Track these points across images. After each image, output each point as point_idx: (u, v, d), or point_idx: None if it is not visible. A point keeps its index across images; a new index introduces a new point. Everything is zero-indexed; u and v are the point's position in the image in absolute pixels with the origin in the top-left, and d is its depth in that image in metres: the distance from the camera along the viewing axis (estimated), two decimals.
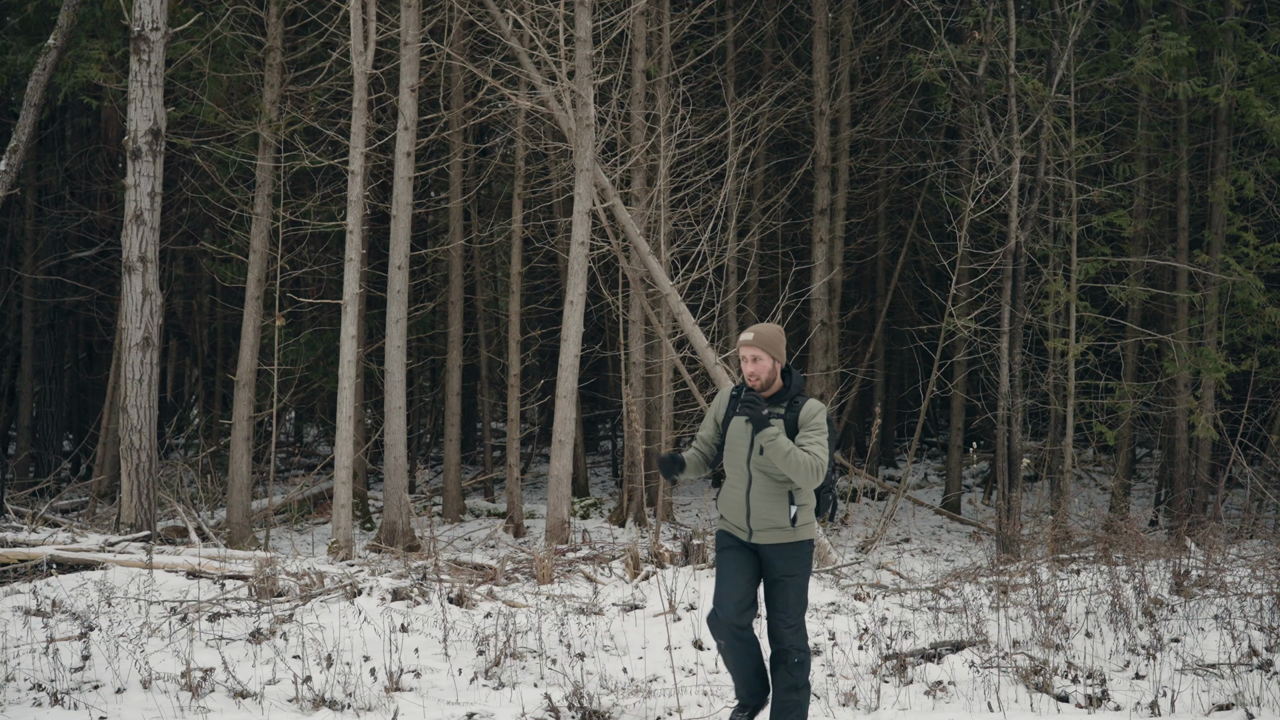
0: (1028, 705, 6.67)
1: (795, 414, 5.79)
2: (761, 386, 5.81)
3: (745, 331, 5.88)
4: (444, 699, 6.74)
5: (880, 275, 19.90)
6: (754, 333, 5.84)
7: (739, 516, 5.84)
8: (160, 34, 11.15)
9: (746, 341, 5.84)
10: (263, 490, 16.27)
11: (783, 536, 5.79)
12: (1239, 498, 16.18)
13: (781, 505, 5.76)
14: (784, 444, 5.60)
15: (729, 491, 5.90)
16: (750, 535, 5.82)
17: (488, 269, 18.49)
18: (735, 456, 5.85)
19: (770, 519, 5.76)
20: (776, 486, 5.77)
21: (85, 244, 18.17)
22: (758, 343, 5.83)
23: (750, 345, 5.83)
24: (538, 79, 11.87)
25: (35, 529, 10.88)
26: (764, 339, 5.84)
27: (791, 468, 5.60)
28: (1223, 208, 14.36)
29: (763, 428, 5.62)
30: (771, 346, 5.82)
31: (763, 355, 5.81)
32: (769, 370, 5.81)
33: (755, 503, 5.78)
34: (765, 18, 16.72)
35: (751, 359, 5.83)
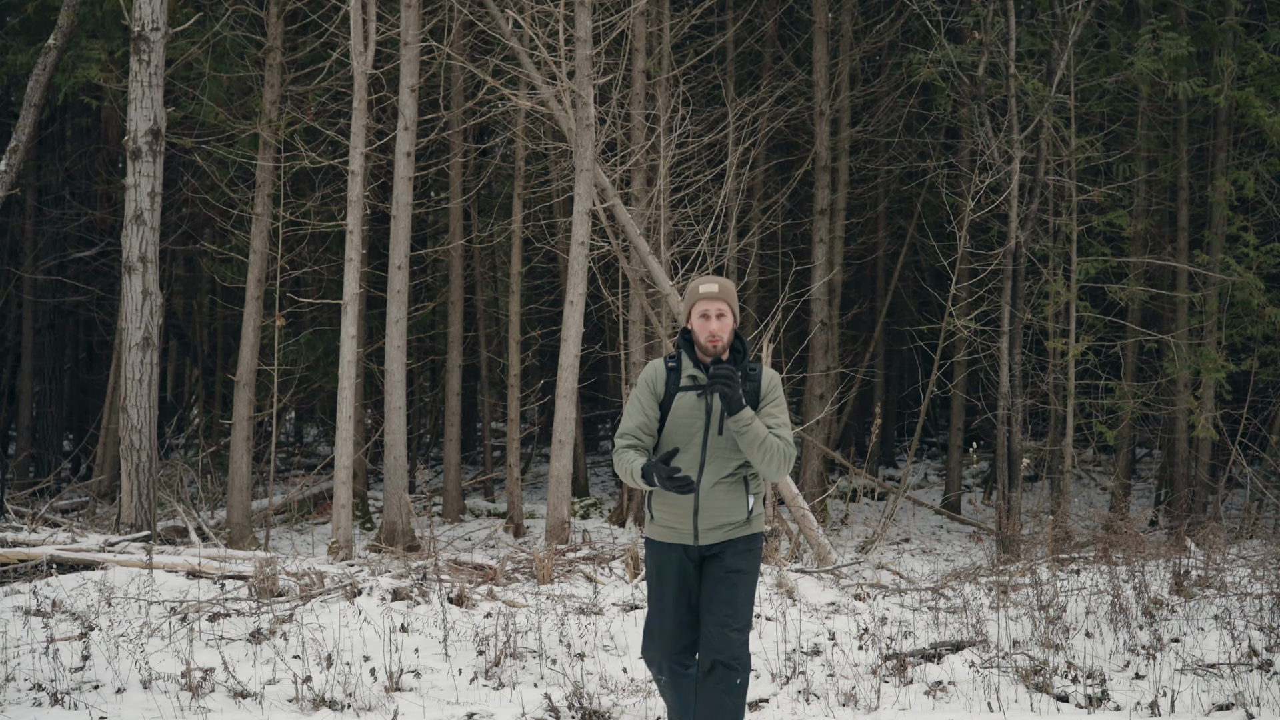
0: (1028, 705, 6.67)
1: (755, 384, 4.89)
2: (723, 350, 4.87)
3: (705, 280, 4.90)
4: (444, 699, 6.74)
5: (880, 275, 19.91)
6: (718, 284, 4.88)
7: (684, 517, 4.88)
8: (160, 34, 11.15)
9: (710, 294, 4.86)
10: (263, 490, 16.27)
11: (735, 531, 4.92)
12: (1239, 498, 16.18)
13: (738, 498, 4.88)
14: (759, 429, 4.72)
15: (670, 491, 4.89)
16: (696, 538, 4.89)
17: (488, 269, 18.49)
18: (684, 442, 4.85)
19: (724, 515, 4.88)
20: (732, 474, 4.87)
21: (85, 244, 18.17)
22: (724, 295, 4.88)
23: (715, 298, 4.86)
24: (538, 79, 11.87)
25: (35, 529, 10.88)
26: (729, 291, 4.90)
27: (764, 460, 4.75)
28: (1223, 208, 14.35)
29: (738, 410, 4.69)
30: (734, 301, 4.93)
31: (727, 311, 4.88)
32: (730, 330, 4.89)
33: (709, 499, 4.85)
34: (765, 18, 16.72)
35: (716, 314, 4.85)
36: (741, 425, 4.73)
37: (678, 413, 4.87)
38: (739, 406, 4.72)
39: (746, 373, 4.90)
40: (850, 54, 16.61)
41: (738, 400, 4.72)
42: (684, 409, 4.87)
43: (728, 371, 4.71)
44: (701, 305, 4.89)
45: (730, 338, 4.89)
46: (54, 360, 18.28)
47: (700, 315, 4.90)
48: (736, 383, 4.71)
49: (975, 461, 12.52)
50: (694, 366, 4.92)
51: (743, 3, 16.70)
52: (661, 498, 4.92)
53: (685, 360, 4.94)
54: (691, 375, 4.89)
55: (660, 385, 4.91)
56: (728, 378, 4.70)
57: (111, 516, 12.14)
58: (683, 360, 4.94)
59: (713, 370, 4.75)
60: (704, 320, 4.88)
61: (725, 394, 4.70)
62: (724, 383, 4.71)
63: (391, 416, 12.18)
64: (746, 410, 4.73)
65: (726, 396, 4.71)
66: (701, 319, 4.89)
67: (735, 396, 4.70)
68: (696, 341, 4.89)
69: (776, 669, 7.10)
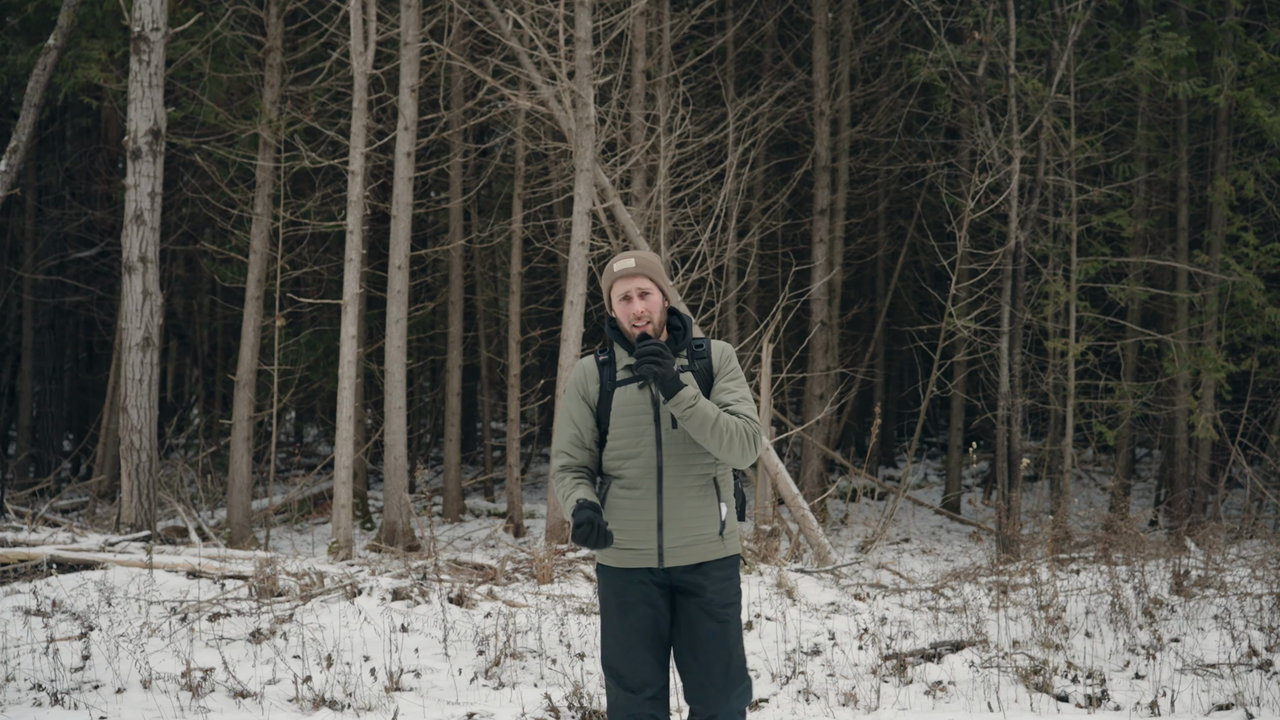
0: (1027, 705, 6.67)
1: (706, 361, 4.22)
2: (653, 331, 4.18)
3: (620, 257, 4.22)
4: (444, 699, 6.74)
5: (880, 275, 19.91)
6: (635, 258, 4.19)
7: (646, 533, 4.10)
8: (160, 34, 11.15)
9: (628, 271, 4.17)
10: (263, 490, 16.27)
11: (710, 552, 4.13)
12: (1239, 498, 16.18)
13: (709, 505, 4.13)
14: (708, 408, 3.98)
15: (624, 499, 4.13)
16: (662, 559, 4.10)
17: (488, 269, 18.49)
18: (634, 442, 4.13)
19: (693, 529, 4.11)
20: (698, 476, 4.13)
21: (85, 244, 18.18)
22: (643, 269, 4.18)
23: (634, 275, 4.17)
24: (538, 79, 11.87)
25: (35, 529, 10.88)
26: (649, 264, 4.20)
27: (723, 440, 3.99)
28: (1222, 208, 14.36)
29: (675, 390, 3.95)
30: (659, 275, 4.22)
31: (652, 288, 4.18)
32: (660, 309, 4.21)
33: (672, 507, 4.09)
34: (765, 18, 16.72)
35: (638, 293, 4.16)
36: (683, 408, 3.96)
37: (620, 411, 4.16)
38: (675, 385, 3.96)
39: (692, 351, 4.23)
40: (850, 54, 16.62)
41: (672, 378, 3.96)
42: (626, 405, 4.16)
43: (654, 347, 3.95)
44: (620, 286, 4.19)
45: (663, 316, 4.21)
46: (54, 360, 18.28)
47: (620, 298, 4.20)
48: (666, 357, 3.96)
49: (975, 461, 12.51)
50: (630, 355, 4.21)
51: (743, 3, 16.71)
52: (616, 510, 4.14)
53: (619, 351, 4.25)
54: (628, 365, 4.21)
55: (593, 385, 4.22)
56: (654, 354, 3.94)
57: (111, 516, 12.14)
58: (615, 352, 4.25)
59: (636, 349, 4.00)
60: (625, 303, 4.19)
61: (655, 374, 3.95)
62: (650, 360, 3.94)
63: (391, 416, 12.18)
64: (686, 389, 3.98)
65: (657, 376, 3.95)
66: (623, 302, 4.19)
67: (668, 374, 3.95)
68: (623, 328, 4.22)
69: (776, 669, 7.10)
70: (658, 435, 4.13)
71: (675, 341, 4.25)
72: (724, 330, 15.56)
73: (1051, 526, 11.31)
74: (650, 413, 4.14)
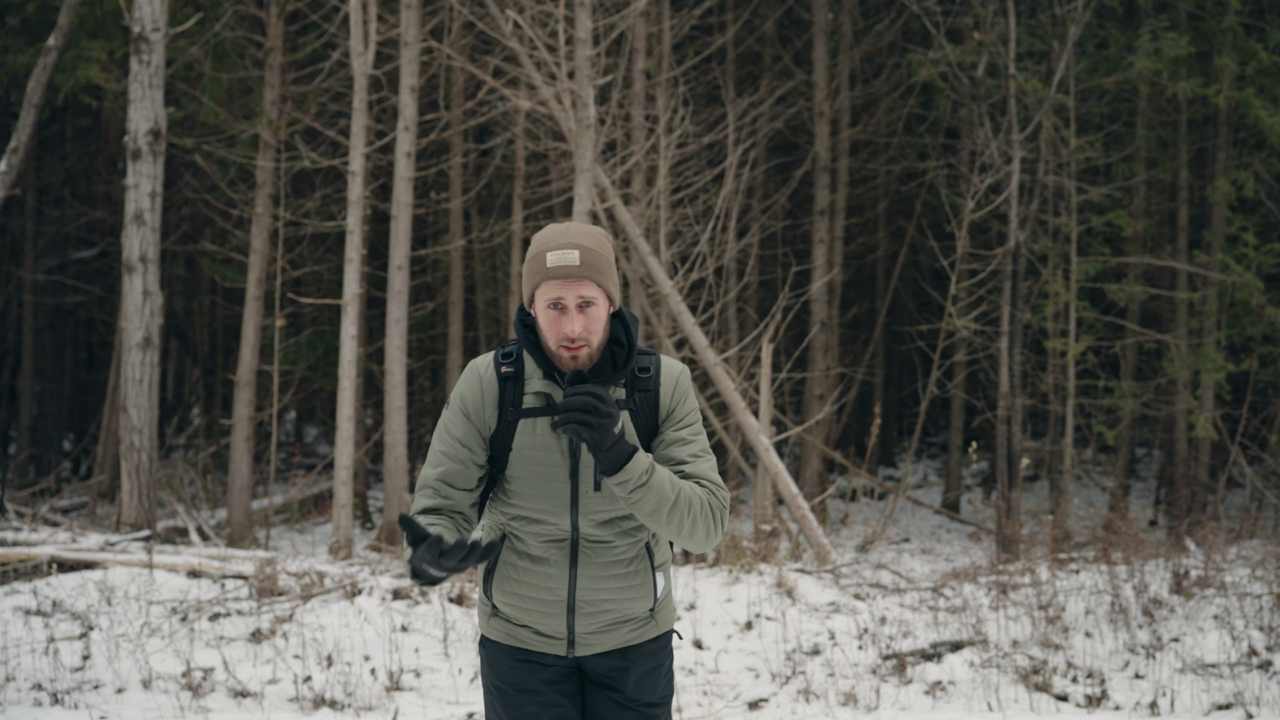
0: (1027, 705, 6.67)
1: (651, 395, 2.96)
2: (588, 363, 2.91)
3: (554, 240, 2.86)
4: (444, 699, 6.74)
5: (880, 275, 19.92)
6: (579, 250, 2.84)
7: (553, 618, 3.04)
8: (160, 34, 11.16)
9: (567, 270, 2.83)
10: (263, 490, 16.28)
11: (636, 635, 3.11)
12: (1238, 498, 16.19)
13: (639, 581, 3.06)
14: (664, 487, 2.80)
15: (524, 570, 3.03)
16: (572, 648, 3.07)
17: (488, 269, 18.49)
18: (539, 501, 2.95)
19: (616, 611, 3.06)
20: (627, 546, 3.03)
21: (86, 244, 18.19)
22: (589, 270, 2.86)
23: (575, 277, 2.84)
24: (538, 79, 11.88)
25: (35, 529, 10.89)
26: (597, 262, 2.88)
27: (683, 526, 2.85)
28: (1222, 208, 14.36)
29: (619, 464, 2.75)
30: (608, 275, 2.90)
31: (598, 296, 2.88)
32: (605, 325, 2.92)
33: (590, 586, 3.02)
34: (765, 18, 16.73)
35: (578, 304, 2.86)
36: (630, 488, 2.76)
37: (523, 456, 2.93)
38: (618, 456, 2.74)
39: (634, 380, 2.96)
40: (850, 54, 16.63)
41: (611, 445, 2.72)
42: (532, 449, 2.93)
43: (586, 399, 2.69)
44: (550, 290, 2.85)
45: (605, 335, 2.92)
46: (54, 360, 18.29)
47: (549, 304, 2.87)
48: (605, 414, 2.69)
49: (975, 461, 12.51)
50: (544, 376, 2.96)
51: (743, 3, 16.71)
52: (511, 583, 3.05)
53: (529, 363, 2.97)
54: (542, 392, 2.95)
55: (489, 406, 2.96)
56: (586, 408, 2.69)
57: (111, 516, 12.15)
58: (525, 362, 2.98)
59: (566, 394, 2.73)
60: (556, 314, 2.87)
61: (589, 440, 2.72)
62: (580, 420, 2.69)
63: (392, 416, 12.19)
64: (636, 460, 2.76)
65: (591, 443, 2.72)
66: (552, 311, 2.87)
67: (605, 441, 2.71)
68: (546, 347, 2.94)
69: (776, 669, 7.10)
70: (573, 496, 2.93)
71: (611, 362, 2.95)
72: (724, 330, 15.57)
73: (1051, 526, 11.31)
74: (565, 464, 2.92)
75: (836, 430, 18.06)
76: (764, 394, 11.03)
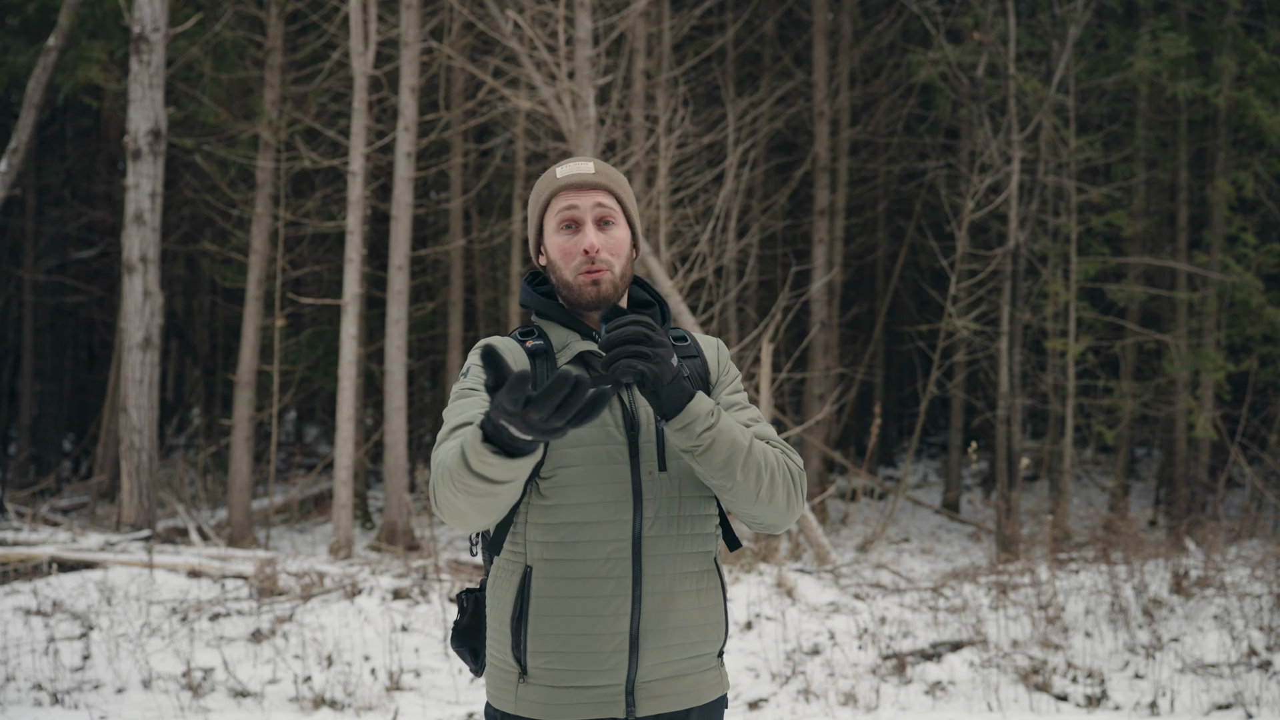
0: (1027, 705, 6.68)
1: (698, 362, 2.51)
2: (614, 293, 2.43)
3: (564, 163, 2.46)
4: (444, 698, 6.75)
5: (880, 275, 19.93)
6: (592, 162, 2.46)
7: (611, 659, 2.36)
8: (160, 34, 11.16)
9: (581, 178, 2.42)
10: (263, 490, 16.28)
11: (705, 689, 2.47)
12: (1238, 498, 16.19)
13: (712, 603, 2.48)
14: (736, 430, 2.31)
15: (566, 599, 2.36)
16: (633, 701, 2.37)
17: (488, 269, 18.50)
18: (593, 494, 2.35)
19: (689, 646, 2.43)
20: (698, 556, 2.44)
21: (86, 244, 18.19)
22: (605, 178, 2.45)
23: (590, 185, 2.43)
24: (538, 80, 11.89)
25: (35, 529, 10.89)
26: (613, 174, 2.49)
27: (762, 484, 2.33)
28: (1222, 208, 14.37)
29: (683, 401, 2.25)
30: (628, 196, 2.50)
31: (616, 213, 2.46)
32: (628, 256, 2.49)
33: (659, 608, 2.38)
34: (765, 18, 16.74)
35: (596, 216, 2.43)
36: (699, 430, 2.26)
37: (568, 440, 2.36)
38: (681, 391, 2.25)
39: (673, 344, 2.49)
40: (850, 54, 16.64)
41: (674, 378, 2.23)
42: (580, 430, 2.35)
43: (635, 329, 2.18)
44: (565, 201, 2.42)
45: (629, 269, 2.47)
46: (54, 360, 18.29)
47: (562, 224, 2.44)
48: (659, 341, 2.20)
49: (975, 461, 12.52)
50: (582, 338, 2.45)
51: (743, 3, 16.72)
52: (546, 619, 2.37)
53: (556, 331, 2.47)
54: (582, 352, 2.43)
55: None
56: (639, 337, 2.18)
57: (112, 516, 12.16)
58: (551, 335, 2.47)
59: (608, 328, 2.22)
60: (569, 234, 2.43)
61: (645, 374, 2.18)
62: (634, 351, 2.18)
63: (392, 416, 12.19)
64: (700, 398, 2.28)
65: (650, 377, 2.19)
66: (564, 233, 2.43)
67: (665, 372, 2.21)
68: (564, 284, 2.44)
69: (776, 669, 7.11)
70: (635, 481, 2.37)
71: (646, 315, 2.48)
72: (724, 330, 15.57)
73: (1051, 526, 11.32)
74: (622, 441, 2.37)
75: (836, 430, 18.07)
76: (764, 394, 11.03)
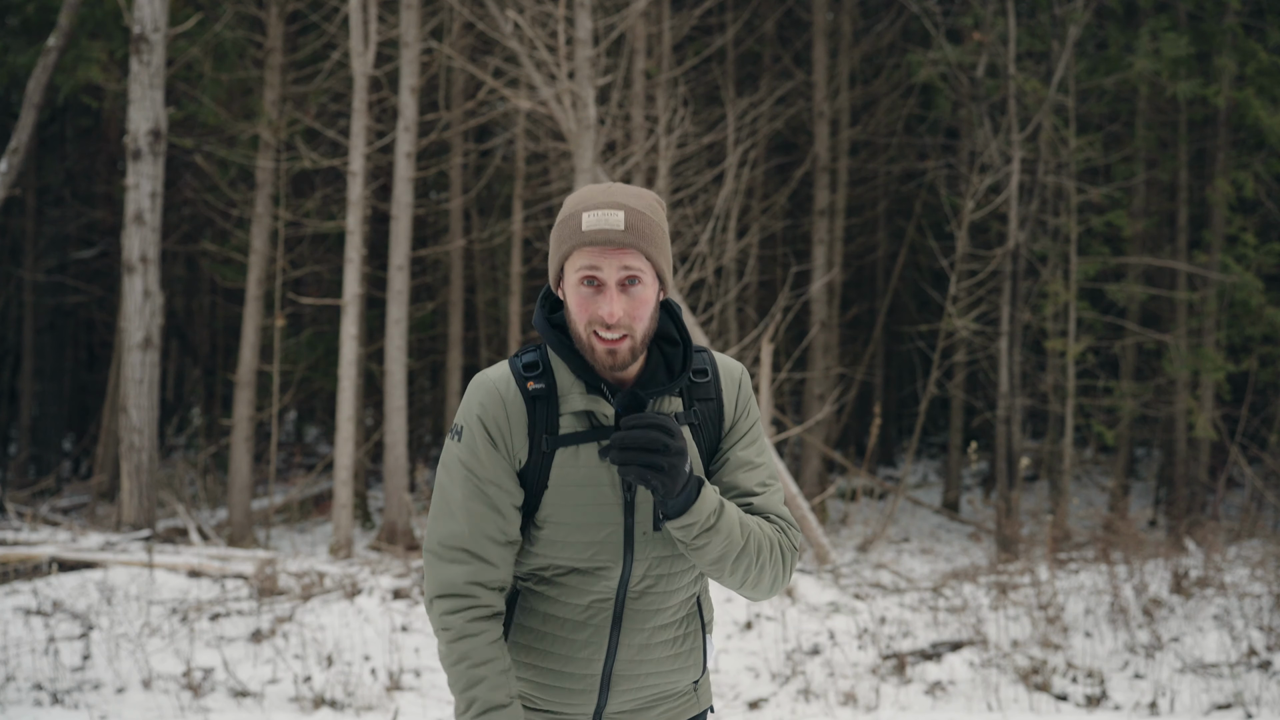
0: (1027, 705, 6.68)
1: (714, 405, 2.35)
2: (631, 359, 2.25)
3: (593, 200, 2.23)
4: (444, 698, 6.75)
5: (880, 275, 19.93)
6: (624, 211, 2.21)
7: (580, 696, 2.40)
8: (160, 34, 11.16)
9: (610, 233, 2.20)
10: (263, 490, 16.28)
11: (679, 713, 2.50)
12: (1238, 498, 16.20)
13: (689, 646, 2.46)
14: (734, 528, 2.23)
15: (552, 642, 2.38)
16: None
17: (488, 269, 18.50)
18: (583, 550, 2.30)
19: (660, 683, 2.45)
20: (680, 605, 2.41)
21: (86, 244, 18.20)
22: (635, 236, 2.22)
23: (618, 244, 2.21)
24: (538, 80, 11.89)
25: (35, 529, 10.89)
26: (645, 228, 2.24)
27: (750, 574, 2.29)
28: (1222, 208, 14.37)
29: (685, 505, 2.17)
30: (659, 246, 2.27)
31: (645, 270, 2.25)
32: (653, 313, 2.28)
33: (632, 656, 2.39)
34: (765, 18, 16.74)
35: (620, 280, 2.23)
36: (696, 532, 2.19)
37: (563, 489, 2.28)
38: (685, 497, 2.17)
39: (690, 387, 2.34)
40: (850, 54, 16.64)
41: (682, 487, 2.16)
42: (575, 480, 2.29)
43: (652, 434, 2.10)
44: (585, 258, 2.22)
45: (652, 326, 2.28)
46: (54, 360, 18.30)
47: (582, 280, 2.24)
48: (673, 449, 2.12)
49: (975, 461, 12.52)
50: (586, 390, 2.30)
51: (743, 3, 16.72)
52: (529, 646, 2.40)
53: (563, 373, 2.31)
54: (585, 411, 2.30)
55: (518, 434, 2.29)
56: (654, 449, 2.10)
57: (112, 516, 12.16)
58: (557, 374, 2.31)
59: (622, 425, 2.15)
60: (591, 292, 2.24)
61: (658, 486, 2.13)
62: (646, 461, 2.11)
63: (392, 416, 12.19)
64: (705, 495, 2.19)
65: (665, 490, 2.14)
66: (586, 289, 2.24)
67: (673, 484, 2.13)
68: (577, 337, 2.28)
69: (776, 668, 7.11)
70: (627, 539, 2.29)
71: (664, 366, 2.33)
72: (724, 330, 15.58)
73: (1051, 526, 11.32)
74: (616, 500, 2.29)
75: (836, 430, 18.07)
76: (764, 394, 11.04)
